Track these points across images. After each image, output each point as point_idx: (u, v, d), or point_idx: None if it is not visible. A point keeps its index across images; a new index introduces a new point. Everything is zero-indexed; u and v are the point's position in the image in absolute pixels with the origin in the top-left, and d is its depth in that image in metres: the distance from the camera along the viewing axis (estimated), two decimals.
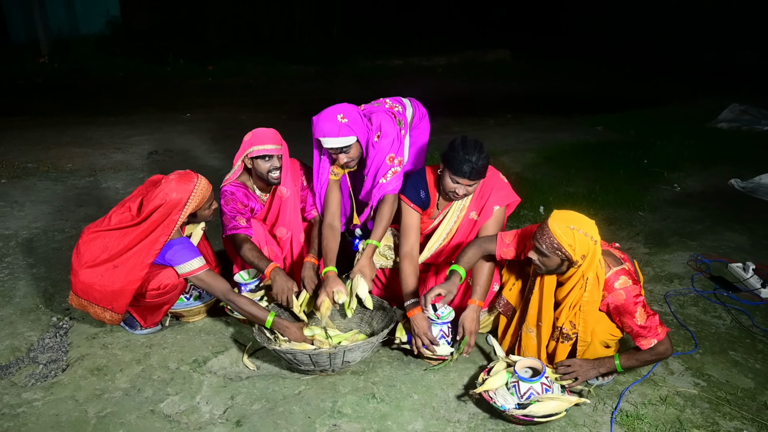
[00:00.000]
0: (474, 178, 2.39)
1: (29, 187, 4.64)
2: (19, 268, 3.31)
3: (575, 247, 2.06)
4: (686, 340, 2.73)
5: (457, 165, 2.36)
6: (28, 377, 2.36)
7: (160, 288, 2.49)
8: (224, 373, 2.43)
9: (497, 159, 5.65)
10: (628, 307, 2.13)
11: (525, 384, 2.16)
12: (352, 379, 2.39)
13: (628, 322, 2.15)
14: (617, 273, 2.15)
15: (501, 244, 2.41)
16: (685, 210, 4.41)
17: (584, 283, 2.14)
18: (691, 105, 7.81)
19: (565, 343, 2.31)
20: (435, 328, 2.51)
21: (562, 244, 2.06)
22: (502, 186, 2.61)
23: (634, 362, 2.23)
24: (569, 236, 2.05)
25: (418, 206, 2.66)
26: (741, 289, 3.18)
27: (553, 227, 2.07)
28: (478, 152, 2.36)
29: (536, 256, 2.15)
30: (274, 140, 2.70)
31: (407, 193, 2.67)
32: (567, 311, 2.24)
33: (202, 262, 2.46)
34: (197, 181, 2.41)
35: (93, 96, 8.76)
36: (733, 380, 2.44)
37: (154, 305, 2.56)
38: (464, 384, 2.41)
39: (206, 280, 2.46)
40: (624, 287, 2.13)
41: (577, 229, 2.06)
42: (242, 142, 2.75)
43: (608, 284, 2.15)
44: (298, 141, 3.34)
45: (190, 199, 2.38)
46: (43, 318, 2.80)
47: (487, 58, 12.07)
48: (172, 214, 2.36)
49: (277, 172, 2.72)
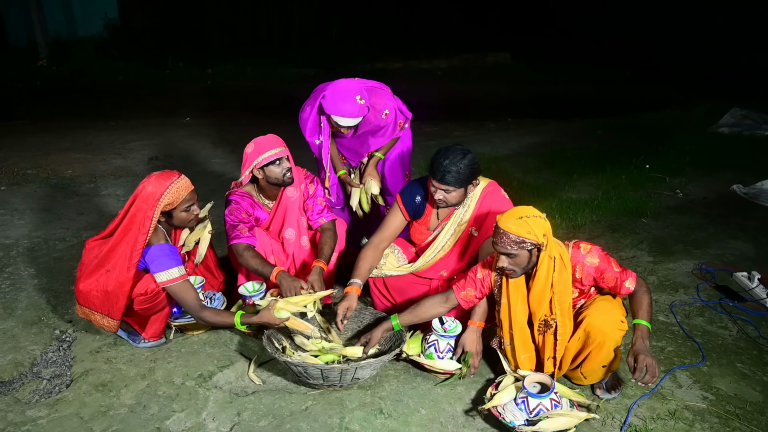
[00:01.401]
0: (446, 183, 2.40)
1: (29, 195, 4.61)
2: (20, 278, 3.28)
3: (534, 231, 2.10)
4: (693, 351, 2.72)
5: (432, 167, 2.43)
6: (32, 393, 2.33)
7: (147, 293, 2.43)
8: (230, 388, 2.41)
9: (499, 164, 5.65)
10: (604, 262, 2.20)
11: (534, 400, 2.15)
12: (359, 394, 2.37)
13: (610, 274, 2.20)
14: (575, 245, 2.23)
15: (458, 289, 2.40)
16: (688, 217, 4.40)
17: (552, 263, 2.17)
18: (691, 109, 7.83)
19: (547, 332, 2.27)
20: (442, 342, 2.49)
21: (522, 236, 2.09)
22: (503, 202, 2.59)
23: (645, 307, 2.19)
24: (524, 225, 2.10)
25: (408, 212, 2.66)
26: (747, 299, 3.17)
27: (506, 226, 2.11)
28: (455, 157, 2.38)
29: (507, 261, 2.16)
30: (277, 143, 2.70)
31: (403, 195, 2.68)
32: (539, 299, 2.22)
33: (181, 272, 2.41)
34: (176, 179, 2.40)
35: (92, 100, 8.73)
36: (741, 393, 2.43)
37: (146, 313, 2.53)
38: (472, 398, 2.40)
39: (178, 293, 2.40)
40: (588, 251, 2.21)
41: (525, 216, 2.12)
42: (244, 154, 2.73)
43: (574, 256, 2.21)
44: (301, 147, 3.32)
45: (164, 195, 2.35)
46: (45, 331, 2.78)
47: (487, 60, 12.09)
48: (147, 209, 2.34)
49: (290, 172, 2.74)
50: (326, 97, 2.90)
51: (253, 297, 2.76)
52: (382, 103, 3.08)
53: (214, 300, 2.83)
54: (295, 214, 2.87)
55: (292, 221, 2.87)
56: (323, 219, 2.92)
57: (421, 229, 2.71)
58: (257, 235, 2.83)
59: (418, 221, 2.71)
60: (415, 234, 2.75)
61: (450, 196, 2.45)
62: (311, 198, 2.92)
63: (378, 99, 3.06)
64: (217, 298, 2.85)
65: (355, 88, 2.88)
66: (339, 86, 2.91)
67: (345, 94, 2.85)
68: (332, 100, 2.86)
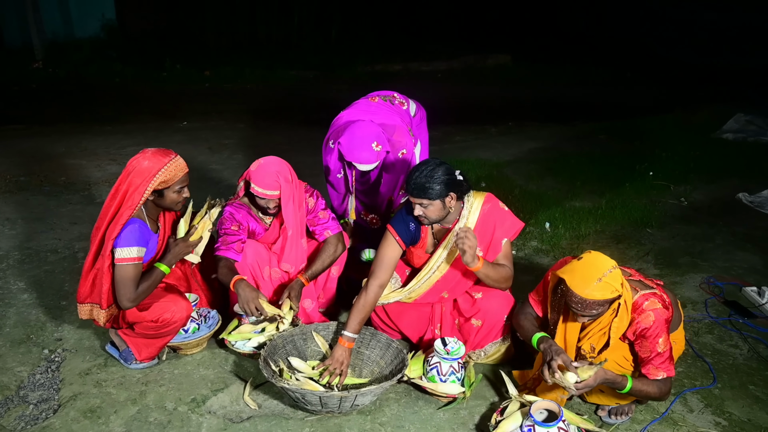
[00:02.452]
0: (418, 196, 2.32)
1: (21, 203, 4.51)
2: (9, 293, 3.18)
3: (613, 287, 2.01)
4: (704, 372, 2.64)
5: (406, 184, 2.37)
6: (18, 420, 2.24)
7: (159, 321, 2.39)
8: (224, 413, 2.31)
9: (500, 170, 5.55)
10: (654, 330, 2.07)
11: (542, 428, 2.06)
12: (358, 420, 2.28)
13: (649, 345, 2.08)
14: (645, 296, 2.12)
15: (536, 303, 2.40)
16: (694, 227, 4.31)
17: (616, 307, 2.08)
18: (694, 113, 7.72)
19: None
20: (445, 364, 2.41)
21: (605, 299, 2.01)
22: (504, 216, 2.50)
23: (641, 387, 2.11)
24: (607, 287, 2.00)
25: (403, 241, 2.52)
26: (757, 315, 3.08)
27: (587, 294, 2.00)
28: (426, 170, 2.31)
29: (588, 319, 2.11)
30: (272, 186, 2.57)
31: (394, 224, 2.53)
32: (591, 335, 2.17)
33: (140, 253, 2.33)
34: (173, 158, 2.34)
35: (89, 102, 8.62)
36: (755, 419, 2.35)
37: (149, 336, 2.45)
38: (475, 423, 2.31)
39: (122, 273, 2.28)
40: (653, 308, 2.08)
41: (601, 276, 2.00)
42: (249, 168, 2.64)
43: (636, 306, 2.11)
44: (298, 152, 3.24)
45: (161, 172, 2.28)
46: (34, 350, 2.68)
47: (488, 63, 11.99)
48: (140, 184, 2.27)
49: (274, 209, 2.68)
50: (342, 144, 2.88)
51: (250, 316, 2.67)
52: (403, 142, 3.04)
53: (209, 318, 2.74)
54: (293, 251, 2.76)
55: (289, 257, 2.76)
56: (329, 232, 2.83)
57: (419, 253, 2.60)
58: (252, 247, 2.74)
59: (415, 247, 2.60)
60: (414, 259, 2.64)
61: (428, 211, 2.35)
62: (312, 213, 2.83)
63: (399, 138, 3.03)
64: (212, 316, 2.76)
65: (371, 134, 2.84)
66: (355, 133, 2.85)
67: (361, 141, 2.82)
68: (348, 148, 2.85)
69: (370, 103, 3.15)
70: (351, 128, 2.88)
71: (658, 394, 2.13)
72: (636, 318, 2.10)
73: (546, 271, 2.42)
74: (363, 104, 3.15)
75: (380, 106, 3.13)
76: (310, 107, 8.35)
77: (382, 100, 3.19)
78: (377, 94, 3.24)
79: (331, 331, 2.64)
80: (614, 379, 2.09)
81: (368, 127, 2.88)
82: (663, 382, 2.11)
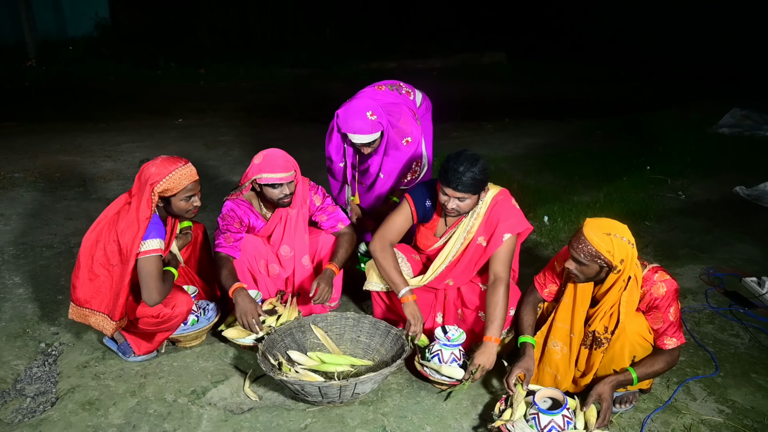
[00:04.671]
0: (460, 190, 2.28)
1: (16, 199, 4.46)
2: (5, 288, 3.14)
3: (614, 252, 2.01)
4: (706, 361, 2.63)
5: (445, 175, 2.30)
6: (15, 412, 2.20)
7: (160, 316, 2.35)
8: (225, 405, 2.29)
9: (498, 165, 5.55)
10: (666, 301, 2.09)
11: (545, 416, 2.04)
12: (360, 410, 2.25)
13: (662, 315, 2.10)
14: (653, 269, 2.14)
15: (541, 287, 2.38)
16: (693, 220, 4.32)
17: (623, 285, 2.09)
18: (690, 109, 7.75)
19: (597, 349, 2.19)
20: (446, 351, 2.39)
21: (600, 252, 2.01)
22: (512, 213, 2.47)
23: (647, 369, 2.13)
24: (607, 243, 2.00)
25: (418, 214, 2.54)
26: (757, 305, 3.08)
27: (590, 235, 2.02)
28: (468, 164, 2.27)
29: (574, 265, 2.09)
30: (285, 167, 2.55)
31: (414, 197, 2.55)
32: (602, 315, 2.16)
33: (161, 245, 2.29)
34: (181, 166, 2.31)
35: (82, 101, 8.56)
36: (758, 406, 2.34)
37: (150, 332, 2.43)
38: (478, 413, 2.29)
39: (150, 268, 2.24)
40: (663, 280, 2.10)
41: (613, 235, 2.01)
42: (251, 163, 2.59)
43: (647, 280, 2.12)
44: (294, 149, 3.19)
45: (165, 179, 2.25)
46: (30, 344, 2.64)
47: (483, 60, 11.99)
48: (146, 190, 2.24)
49: (288, 197, 2.60)
50: (339, 115, 2.89)
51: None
52: (408, 130, 3.01)
53: (208, 310, 2.72)
54: (292, 232, 2.75)
55: (288, 239, 2.76)
56: (341, 225, 2.83)
57: (428, 234, 2.59)
58: (251, 242, 2.72)
59: (425, 225, 2.59)
60: (422, 239, 2.63)
61: (464, 204, 2.33)
62: (320, 210, 2.80)
63: (405, 125, 3.01)
64: (211, 309, 2.73)
65: (366, 105, 2.84)
66: (351, 103, 2.90)
67: (355, 110, 2.82)
68: (344, 117, 2.85)
69: (377, 90, 3.15)
70: (348, 102, 2.93)
71: (667, 367, 2.15)
72: (648, 290, 2.11)
73: (546, 263, 2.42)
74: (369, 91, 3.14)
75: (387, 94, 3.13)
76: (306, 105, 8.33)
77: (389, 89, 3.18)
78: (384, 83, 3.23)
79: (329, 322, 2.62)
80: (618, 381, 2.11)
81: (364, 100, 2.90)
82: (670, 353, 2.14)
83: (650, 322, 2.14)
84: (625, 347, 2.14)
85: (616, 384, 2.10)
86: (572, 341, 2.24)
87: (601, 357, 2.18)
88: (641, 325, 2.14)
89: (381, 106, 2.91)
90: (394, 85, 3.22)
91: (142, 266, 2.25)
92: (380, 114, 2.84)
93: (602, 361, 2.20)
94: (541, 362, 2.34)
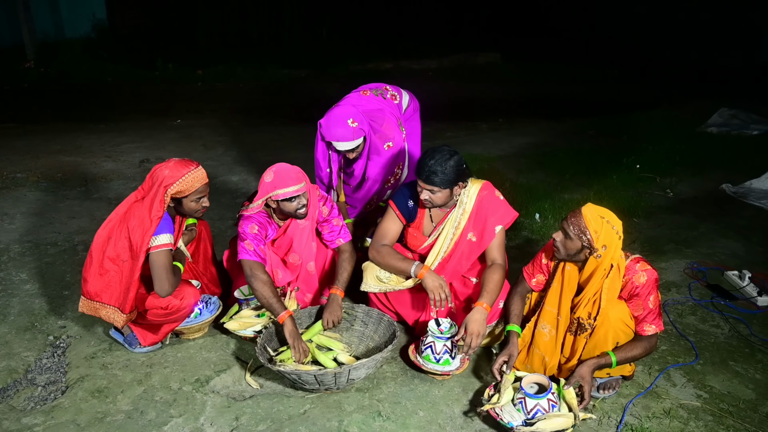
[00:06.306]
0: (432, 183, 2.42)
1: (19, 199, 4.56)
2: (12, 284, 3.25)
3: (600, 235, 2.14)
4: (687, 350, 2.75)
5: (419, 168, 2.45)
6: (27, 400, 2.31)
7: (168, 308, 2.46)
8: (227, 393, 2.40)
9: (491, 164, 5.66)
10: (646, 289, 2.22)
11: (532, 401, 2.16)
12: (357, 397, 2.37)
13: (643, 303, 2.23)
14: (635, 259, 2.27)
15: (529, 277, 2.50)
16: (679, 216, 4.44)
17: (605, 273, 2.21)
18: (680, 109, 7.89)
19: (581, 335, 2.31)
20: (439, 344, 2.50)
21: (588, 229, 2.15)
22: (499, 204, 2.60)
23: (626, 354, 2.25)
24: (598, 224, 2.15)
25: (403, 216, 2.67)
26: (738, 298, 3.21)
27: (585, 212, 2.18)
28: (441, 158, 2.41)
29: (560, 237, 2.23)
30: (297, 179, 2.53)
31: (396, 200, 2.69)
32: (586, 301, 2.28)
33: (171, 240, 2.40)
34: (193, 169, 2.44)
35: (81, 102, 8.64)
36: (734, 391, 2.46)
37: (157, 323, 2.53)
38: (469, 399, 2.41)
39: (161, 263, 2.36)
40: (644, 269, 2.23)
41: (606, 220, 2.17)
42: (261, 181, 2.57)
43: (629, 269, 2.24)
44: (294, 148, 3.32)
45: (178, 182, 2.38)
46: (39, 337, 2.75)
47: (478, 61, 12.10)
48: (159, 192, 2.36)
49: (305, 208, 2.61)
50: (322, 125, 3.02)
51: (250, 300, 2.76)
52: (390, 135, 3.13)
53: (210, 304, 2.82)
54: (301, 241, 2.78)
55: (298, 247, 2.79)
56: (341, 240, 2.82)
57: (417, 234, 2.71)
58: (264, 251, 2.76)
59: (413, 225, 2.71)
60: (411, 240, 2.74)
61: (435, 197, 2.47)
62: (326, 221, 2.80)
63: (387, 130, 3.12)
64: (213, 302, 2.84)
65: (347, 112, 2.98)
66: (333, 111, 3.03)
67: (337, 118, 2.96)
68: (326, 126, 2.99)
69: (361, 96, 3.25)
70: (331, 110, 3.05)
71: (645, 352, 2.27)
72: (630, 279, 2.23)
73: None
74: (354, 97, 3.25)
75: (371, 100, 3.23)
76: (303, 105, 8.42)
77: (374, 95, 3.27)
78: (368, 88, 3.33)
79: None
80: (599, 364, 2.23)
81: (345, 108, 3.02)
82: (648, 339, 2.26)
83: (631, 309, 2.26)
84: (609, 333, 2.26)
85: (596, 366, 2.22)
86: (559, 323, 2.36)
87: (584, 342, 2.30)
88: (623, 311, 2.26)
89: (363, 113, 3.03)
90: (379, 89, 3.31)
91: (154, 260, 2.36)
92: (361, 120, 2.95)
93: (587, 347, 2.31)
94: (532, 345, 2.45)
